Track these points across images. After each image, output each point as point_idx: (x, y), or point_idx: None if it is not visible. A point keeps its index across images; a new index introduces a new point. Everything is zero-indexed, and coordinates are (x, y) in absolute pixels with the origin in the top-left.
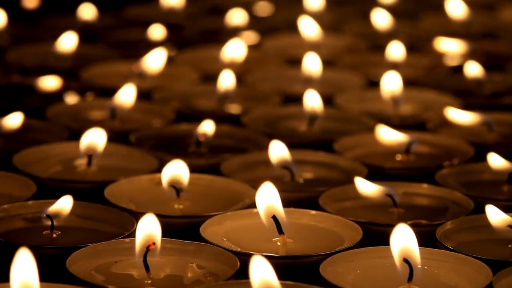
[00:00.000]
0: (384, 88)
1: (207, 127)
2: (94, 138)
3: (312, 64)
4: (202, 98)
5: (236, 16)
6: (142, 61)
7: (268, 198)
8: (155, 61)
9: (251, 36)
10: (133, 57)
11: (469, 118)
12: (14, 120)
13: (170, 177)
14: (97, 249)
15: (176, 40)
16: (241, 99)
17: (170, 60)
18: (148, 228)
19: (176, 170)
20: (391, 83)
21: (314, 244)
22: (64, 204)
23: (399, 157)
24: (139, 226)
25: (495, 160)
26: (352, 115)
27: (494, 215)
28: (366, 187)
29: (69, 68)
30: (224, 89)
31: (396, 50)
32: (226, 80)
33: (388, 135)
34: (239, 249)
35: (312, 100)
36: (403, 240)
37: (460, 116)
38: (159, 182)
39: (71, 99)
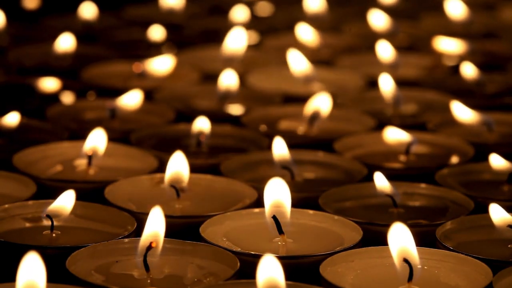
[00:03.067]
0: (381, 88)
1: (203, 125)
2: (96, 140)
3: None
4: (202, 98)
5: (236, 16)
6: (143, 61)
7: (276, 196)
8: (161, 64)
9: (252, 36)
10: (133, 57)
11: (471, 116)
12: (12, 119)
13: (170, 177)
14: (97, 249)
15: (176, 40)
16: (241, 99)
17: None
18: (155, 225)
19: (177, 169)
20: (386, 84)
21: (314, 244)
22: (66, 202)
23: (399, 157)
24: (148, 221)
25: (496, 161)
26: (352, 115)
27: (497, 214)
28: (383, 182)
29: (69, 68)
30: (224, 89)
31: (394, 50)
32: (227, 80)
33: (394, 136)
34: (239, 249)
35: (316, 99)
36: (401, 239)
37: (463, 113)
38: (159, 182)
39: (71, 99)
